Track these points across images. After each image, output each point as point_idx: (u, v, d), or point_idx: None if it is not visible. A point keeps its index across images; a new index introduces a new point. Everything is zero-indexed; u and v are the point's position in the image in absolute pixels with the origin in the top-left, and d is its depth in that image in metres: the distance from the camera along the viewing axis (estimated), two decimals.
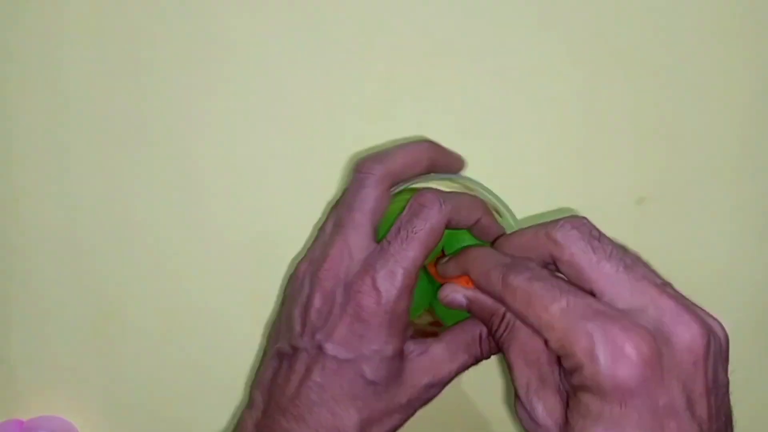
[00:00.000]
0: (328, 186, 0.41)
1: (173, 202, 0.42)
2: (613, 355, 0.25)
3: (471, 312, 0.32)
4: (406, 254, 0.31)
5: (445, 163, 0.36)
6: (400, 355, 0.32)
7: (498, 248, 0.32)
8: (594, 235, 0.29)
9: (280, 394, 0.32)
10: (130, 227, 0.42)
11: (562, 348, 0.27)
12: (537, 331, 0.28)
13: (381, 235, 0.33)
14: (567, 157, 0.42)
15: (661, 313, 0.26)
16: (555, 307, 0.27)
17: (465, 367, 0.33)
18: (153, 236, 0.42)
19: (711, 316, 0.27)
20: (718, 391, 0.27)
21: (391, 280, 0.31)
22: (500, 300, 0.30)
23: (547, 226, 0.30)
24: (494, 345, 0.33)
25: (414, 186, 0.35)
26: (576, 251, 0.28)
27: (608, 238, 0.29)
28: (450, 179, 0.37)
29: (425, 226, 0.32)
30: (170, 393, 0.43)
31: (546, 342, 0.27)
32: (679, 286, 0.29)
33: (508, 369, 0.30)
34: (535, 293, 0.28)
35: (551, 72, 0.41)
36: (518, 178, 0.41)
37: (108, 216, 0.42)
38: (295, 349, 0.33)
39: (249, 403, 0.34)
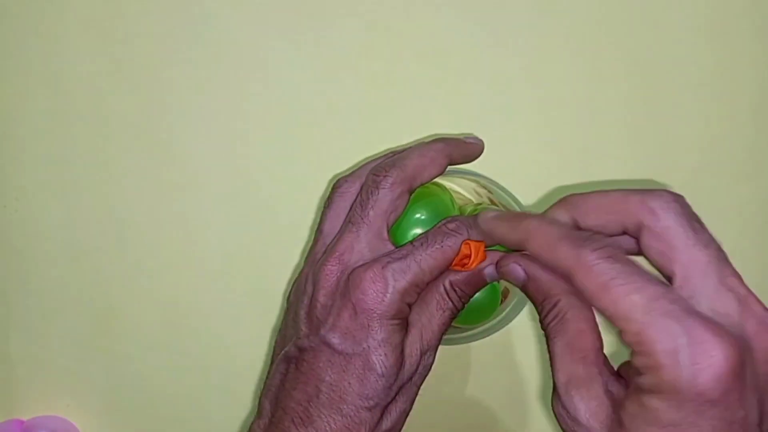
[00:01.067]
0: (329, 187, 0.41)
1: (173, 202, 0.42)
2: (699, 361, 0.23)
3: (524, 290, 0.30)
4: (427, 258, 0.31)
5: (462, 155, 0.35)
6: (403, 343, 0.31)
7: (569, 206, 0.29)
8: (696, 218, 0.26)
9: (288, 399, 0.31)
10: (130, 228, 0.42)
11: (639, 344, 0.24)
12: (608, 318, 0.25)
13: (395, 239, 0.33)
14: (567, 156, 0.41)
15: (745, 318, 0.24)
16: (637, 298, 0.24)
17: (447, 323, 0.33)
18: (153, 237, 0.42)
19: None
20: None
21: (402, 273, 0.30)
22: (567, 277, 0.26)
23: (643, 192, 0.27)
24: (463, 293, 0.32)
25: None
26: (672, 225, 0.26)
27: (707, 228, 0.26)
28: (464, 177, 0.37)
29: (454, 244, 0.31)
30: (170, 393, 0.43)
31: (620, 333, 0.25)
32: None
33: (550, 360, 0.28)
34: (615, 276, 0.24)
35: (551, 71, 0.41)
36: (518, 177, 0.41)
37: (108, 217, 0.42)
38: (302, 350, 0.32)
39: (258, 413, 0.33)
